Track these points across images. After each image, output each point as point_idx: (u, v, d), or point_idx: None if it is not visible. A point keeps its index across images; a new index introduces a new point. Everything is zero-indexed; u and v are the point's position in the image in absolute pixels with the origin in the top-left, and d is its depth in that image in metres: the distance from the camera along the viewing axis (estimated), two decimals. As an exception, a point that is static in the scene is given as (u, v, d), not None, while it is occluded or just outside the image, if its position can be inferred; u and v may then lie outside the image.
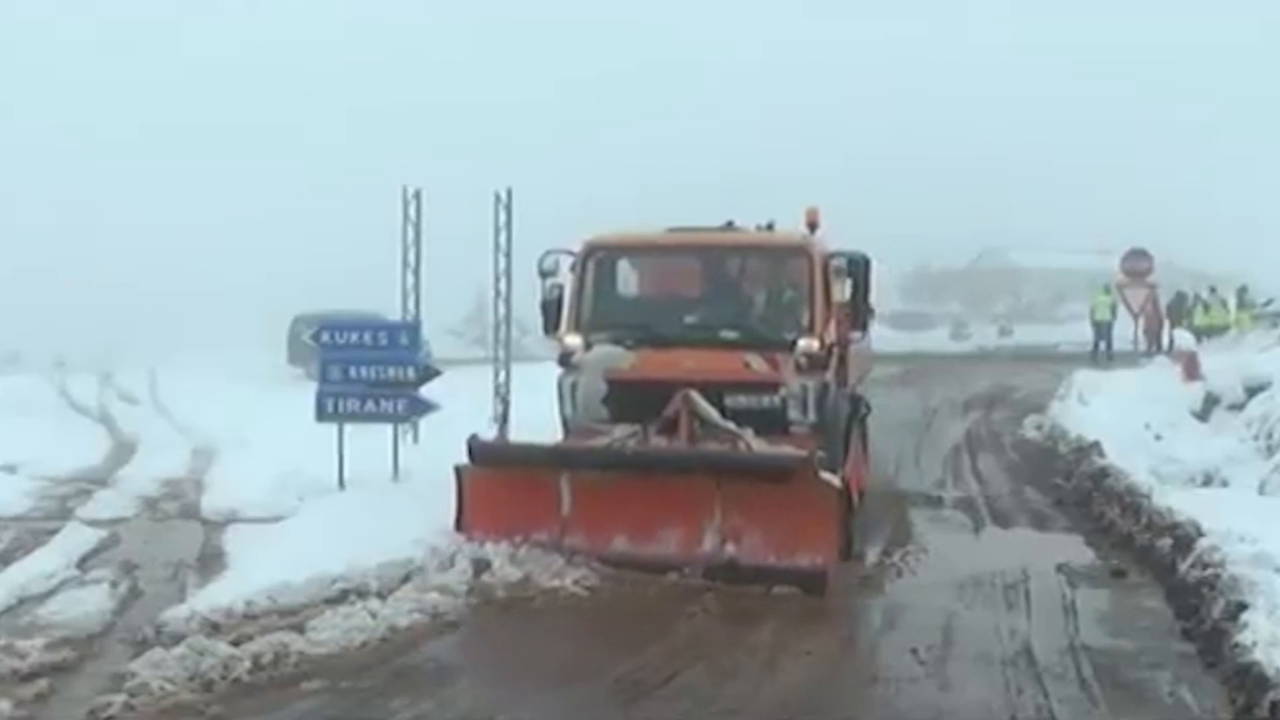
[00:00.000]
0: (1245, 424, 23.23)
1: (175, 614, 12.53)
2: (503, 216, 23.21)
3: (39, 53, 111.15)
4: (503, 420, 17.57)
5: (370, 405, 18.98)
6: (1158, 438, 23.80)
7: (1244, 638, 10.77)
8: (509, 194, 23.29)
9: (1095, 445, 22.04)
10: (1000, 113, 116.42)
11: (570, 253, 16.83)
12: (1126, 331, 43.71)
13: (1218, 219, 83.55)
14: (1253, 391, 24.40)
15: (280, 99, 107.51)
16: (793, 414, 15.72)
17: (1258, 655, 10.29)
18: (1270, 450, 21.05)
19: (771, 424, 15.50)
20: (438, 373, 19.85)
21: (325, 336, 19.23)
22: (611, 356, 16.16)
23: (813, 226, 16.83)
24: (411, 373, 19.08)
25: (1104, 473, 20.16)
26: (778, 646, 11.92)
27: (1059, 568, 15.11)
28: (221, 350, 53.89)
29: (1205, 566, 13.16)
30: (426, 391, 19.37)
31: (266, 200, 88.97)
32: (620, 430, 15.33)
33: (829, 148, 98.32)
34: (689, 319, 16.72)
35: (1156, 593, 13.91)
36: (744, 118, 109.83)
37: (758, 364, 15.82)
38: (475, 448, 15.07)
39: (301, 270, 63.90)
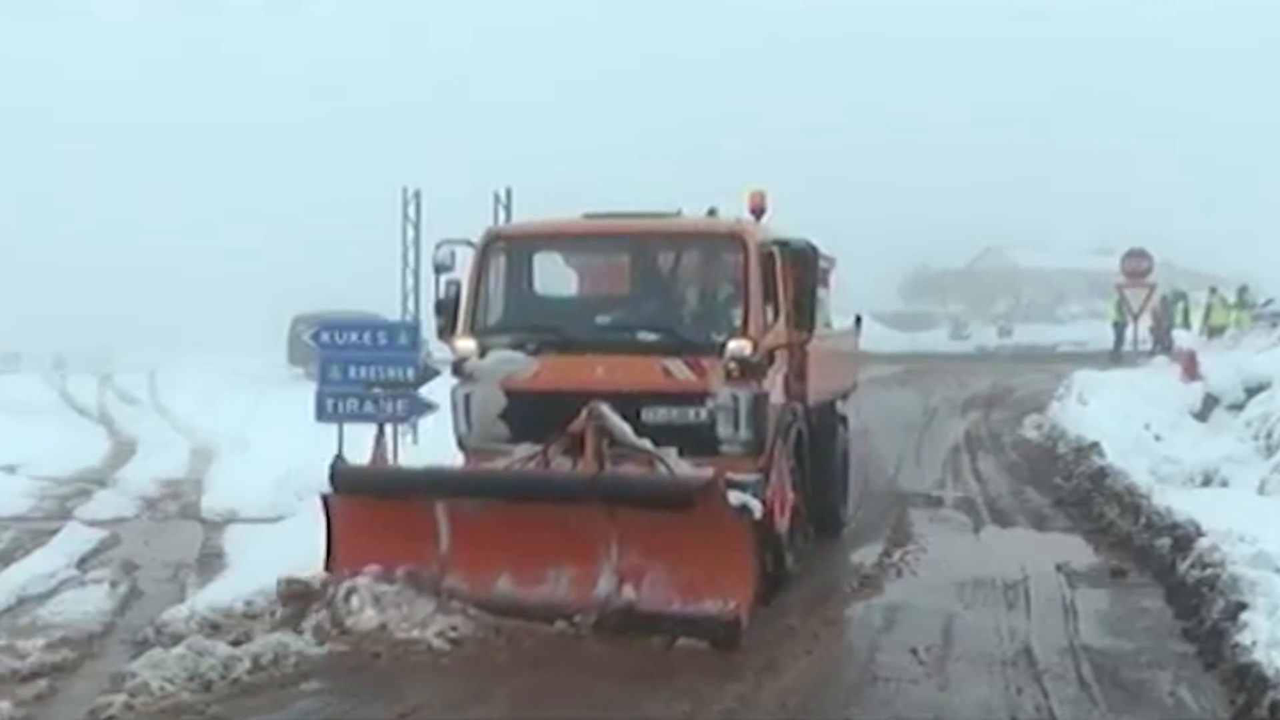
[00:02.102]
0: (1245, 424, 23.28)
1: (175, 614, 12.57)
2: (502, 216, 23.22)
3: (38, 53, 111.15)
4: (379, 435, 15.10)
5: (370, 405, 18.95)
6: (1157, 438, 23.83)
7: (1243, 638, 10.78)
8: (508, 194, 23.32)
9: (1095, 445, 22.06)
10: (1000, 112, 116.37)
11: (469, 243, 14.67)
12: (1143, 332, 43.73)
13: (1217, 219, 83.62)
14: (1252, 392, 24.47)
15: (280, 99, 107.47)
16: (722, 430, 13.49)
17: (1257, 655, 10.29)
18: (1269, 450, 21.08)
19: (698, 441, 13.37)
20: (437, 373, 19.85)
21: (325, 336, 19.20)
22: (510, 364, 13.95)
23: (757, 213, 14.81)
24: (411, 373, 19.07)
25: (1103, 473, 20.20)
26: (777, 648, 11.91)
27: (1059, 568, 15.12)
28: (221, 350, 53.93)
29: (1205, 566, 13.16)
30: (426, 391, 19.37)
31: (266, 200, 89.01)
32: (522, 451, 13.43)
33: (828, 148, 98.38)
34: (602, 319, 14.61)
35: (1156, 593, 13.92)
36: (742, 117, 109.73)
37: (680, 371, 13.57)
38: (338, 474, 13.21)
39: (301, 270, 63.85)
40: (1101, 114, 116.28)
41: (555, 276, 15.59)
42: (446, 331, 14.51)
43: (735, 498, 12.27)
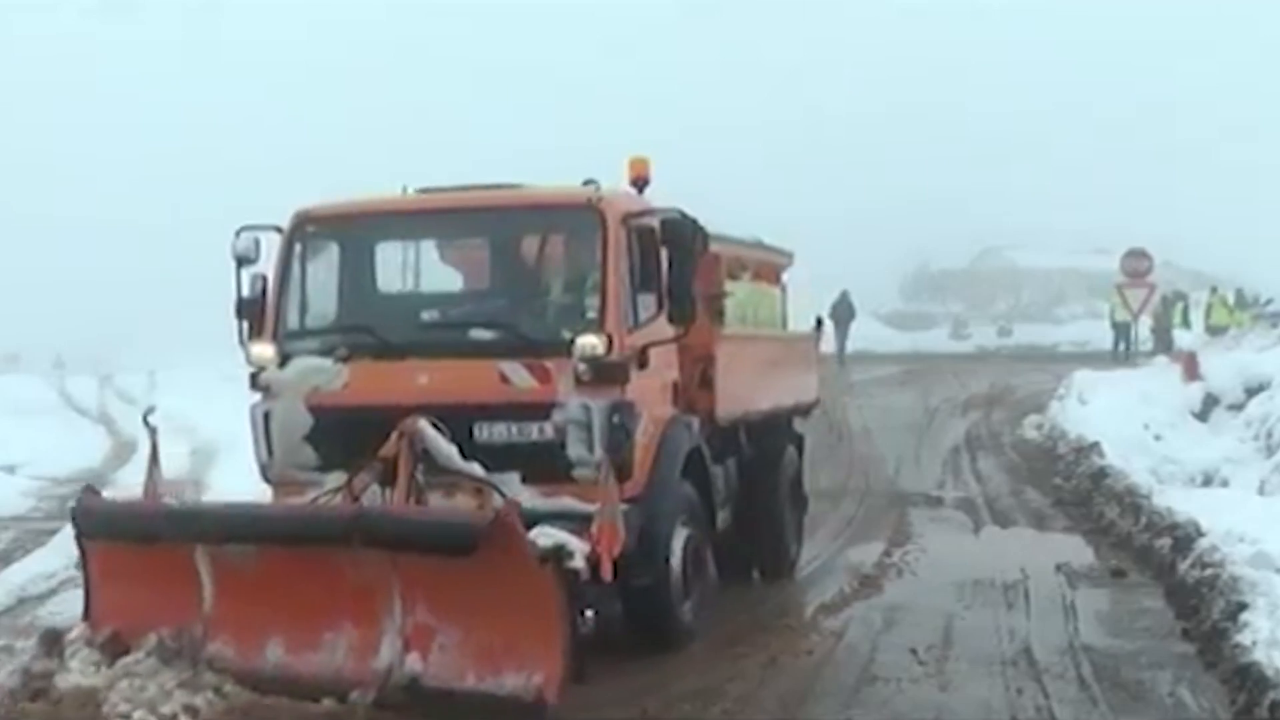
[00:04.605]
0: (1245, 424, 23.33)
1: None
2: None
3: (35, 48, 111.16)
4: (153, 457, 11.77)
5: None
6: (1157, 438, 23.87)
7: (1243, 638, 10.78)
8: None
9: (1095, 445, 22.09)
10: (1000, 112, 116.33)
11: (277, 229, 12.15)
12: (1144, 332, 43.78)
13: (1216, 219, 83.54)
14: (1252, 392, 24.51)
15: (279, 95, 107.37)
16: (573, 450, 10.94)
17: (1257, 655, 10.29)
18: (1270, 450, 21.12)
19: (546, 464, 10.97)
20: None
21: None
22: (316, 374, 11.48)
23: (639, 184, 12.37)
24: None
25: (1103, 473, 20.23)
26: (777, 648, 11.92)
27: (1059, 568, 15.13)
28: (221, 351, 53.78)
29: (1205, 566, 13.17)
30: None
31: (266, 200, 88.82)
32: (332, 481, 11.02)
33: (828, 148, 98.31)
34: (427, 315, 12.31)
35: (1156, 593, 13.93)
36: (742, 115, 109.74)
37: (519, 377, 11.09)
38: (81, 512, 10.89)
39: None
40: (1101, 114, 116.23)
41: (371, 266, 12.71)
42: (253, 336, 12.07)
43: (547, 537, 9.70)
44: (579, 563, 9.66)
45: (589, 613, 9.70)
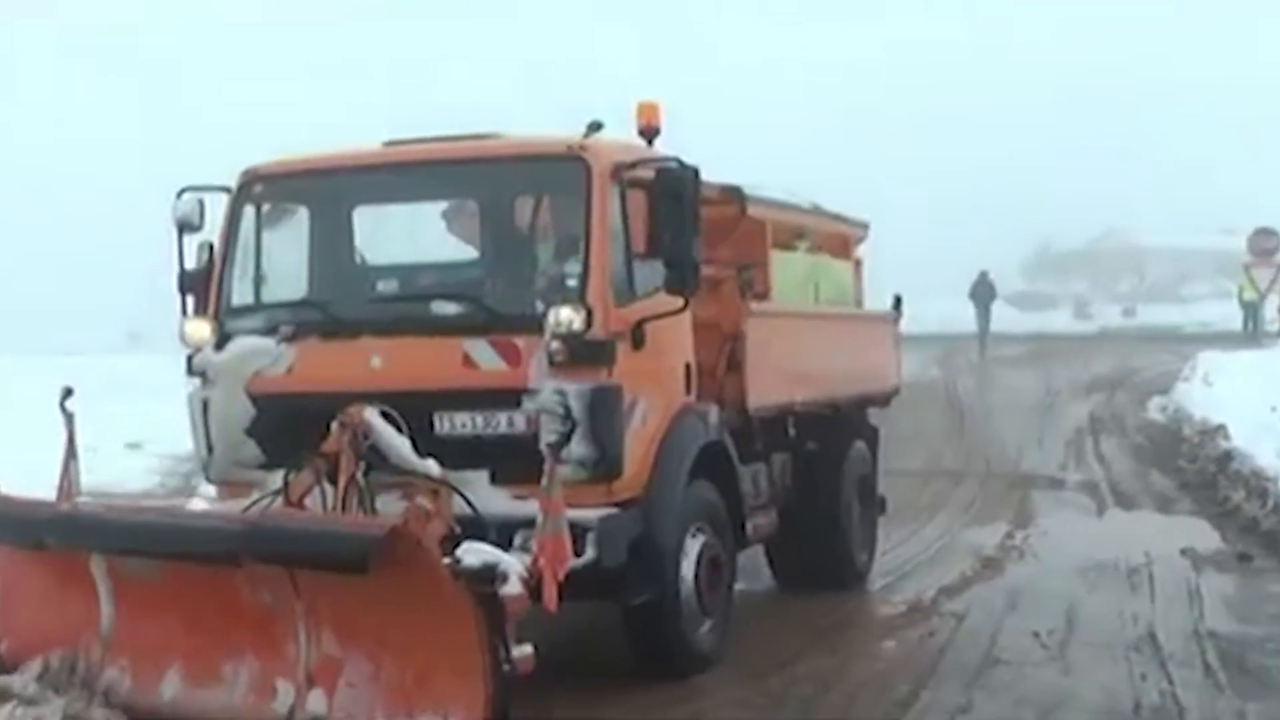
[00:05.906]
0: (1376, 407, 22.85)
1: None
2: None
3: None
4: (69, 450, 10.17)
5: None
6: (1285, 420, 23.47)
7: (1375, 625, 10.61)
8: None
9: (1220, 428, 21.75)
10: (1122, 91, 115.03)
11: (225, 190, 10.54)
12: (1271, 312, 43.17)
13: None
14: (1385, 374, 24.04)
15: (279, 91, 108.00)
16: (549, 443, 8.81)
17: (1390, 643, 10.13)
18: (1403, 435, 20.70)
19: (519, 461, 9.15)
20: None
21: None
22: (257, 356, 10.01)
23: (649, 134, 10.55)
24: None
25: (1229, 456, 19.94)
26: (898, 629, 11.87)
27: (1183, 551, 14.94)
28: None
29: (1334, 553, 12.98)
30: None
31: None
32: (275, 481, 9.48)
33: (951, 128, 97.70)
34: (383, 286, 10.68)
35: (1284, 578, 13.75)
36: (864, 96, 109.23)
37: (485, 357, 9.51)
38: None
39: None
40: (1227, 91, 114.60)
41: (328, 231, 10.97)
42: (196, 313, 10.48)
43: (476, 554, 7.97)
44: (513, 587, 7.86)
45: (526, 647, 7.81)
